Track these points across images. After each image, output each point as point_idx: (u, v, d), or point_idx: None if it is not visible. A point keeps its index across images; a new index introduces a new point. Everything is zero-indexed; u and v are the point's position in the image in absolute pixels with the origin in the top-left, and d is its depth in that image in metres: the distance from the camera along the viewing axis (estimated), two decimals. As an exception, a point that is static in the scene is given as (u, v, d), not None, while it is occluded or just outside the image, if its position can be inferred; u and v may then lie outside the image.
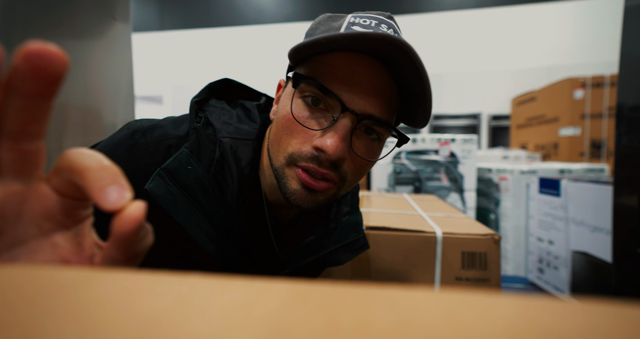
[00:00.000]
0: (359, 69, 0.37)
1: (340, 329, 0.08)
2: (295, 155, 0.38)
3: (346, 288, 0.11)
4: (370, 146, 0.40)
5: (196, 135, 0.40)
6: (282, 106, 0.41)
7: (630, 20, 0.63)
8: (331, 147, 0.36)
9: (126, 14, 1.08)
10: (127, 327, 0.08)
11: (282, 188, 0.39)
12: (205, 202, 0.39)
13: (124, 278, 0.11)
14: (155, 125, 0.42)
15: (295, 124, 0.38)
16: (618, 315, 0.09)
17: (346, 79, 0.37)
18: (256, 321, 0.09)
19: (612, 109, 2.00)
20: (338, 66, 0.37)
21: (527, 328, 0.08)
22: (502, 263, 1.38)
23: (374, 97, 0.37)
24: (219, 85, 0.49)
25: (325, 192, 0.40)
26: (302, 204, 0.39)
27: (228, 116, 0.45)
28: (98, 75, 0.99)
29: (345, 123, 0.37)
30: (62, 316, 0.09)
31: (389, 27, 0.40)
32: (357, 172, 0.41)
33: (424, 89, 0.36)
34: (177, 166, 0.38)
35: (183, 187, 0.38)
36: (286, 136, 0.39)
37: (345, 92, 0.37)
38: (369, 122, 0.38)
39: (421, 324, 0.09)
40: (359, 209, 0.55)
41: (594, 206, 0.88)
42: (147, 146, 0.40)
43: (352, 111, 0.36)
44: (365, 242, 0.52)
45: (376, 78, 0.37)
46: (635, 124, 0.62)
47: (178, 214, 0.38)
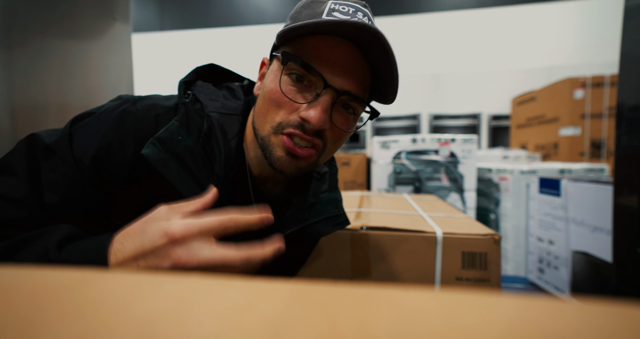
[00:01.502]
0: (339, 51, 0.42)
1: (340, 329, 0.08)
2: (283, 123, 0.43)
3: (346, 288, 0.11)
4: (347, 118, 0.46)
5: (185, 109, 0.44)
6: (269, 81, 0.45)
7: (630, 20, 0.63)
8: (314, 118, 0.41)
9: (126, 14, 1.08)
10: (127, 327, 0.08)
11: (268, 156, 0.44)
12: (195, 170, 0.43)
13: (124, 278, 0.11)
14: (145, 97, 0.47)
15: (282, 97, 0.43)
16: (618, 315, 0.09)
17: (328, 59, 0.42)
18: (256, 321, 0.09)
19: (612, 109, 2.00)
20: (321, 48, 0.42)
21: (527, 328, 0.08)
22: (502, 263, 1.38)
23: (351, 77, 0.43)
24: (205, 69, 0.53)
25: (307, 160, 0.45)
26: (285, 169, 0.44)
27: (214, 95, 0.49)
28: (98, 75, 0.99)
29: (327, 98, 0.42)
30: (62, 316, 0.09)
31: (364, 14, 0.44)
32: (336, 141, 0.46)
33: (393, 71, 0.42)
34: (168, 136, 0.42)
35: (174, 155, 0.42)
36: (274, 108, 0.43)
37: (327, 71, 0.42)
38: (347, 98, 0.44)
39: (421, 324, 0.09)
40: (338, 189, 0.60)
41: (594, 206, 0.87)
42: (136, 113, 0.43)
43: (332, 87, 0.42)
44: (345, 219, 0.57)
45: (353, 60, 0.43)
46: (635, 124, 0.62)
47: (172, 177, 0.41)
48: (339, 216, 0.56)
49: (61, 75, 0.87)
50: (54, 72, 0.85)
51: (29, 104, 0.77)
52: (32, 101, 0.78)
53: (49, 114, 0.83)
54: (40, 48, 0.80)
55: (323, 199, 0.55)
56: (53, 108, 0.84)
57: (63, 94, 0.87)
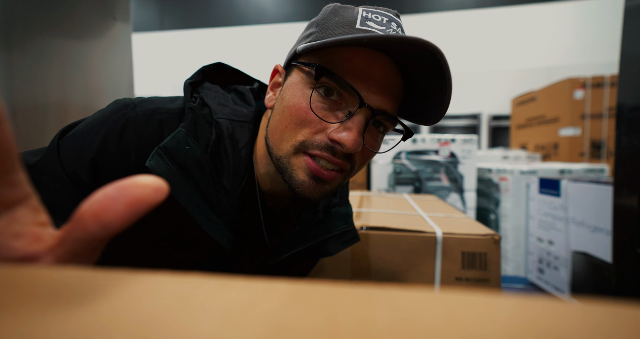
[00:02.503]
0: (376, 66, 0.38)
1: (340, 329, 0.08)
2: (307, 143, 0.38)
3: (346, 288, 0.11)
4: (377, 138, 0.42)
5: (192, 115, 0.40)
6: (291, 95, 0.40)
7: (630, 20, 0.63)
8: (349, 141, 0.37)
9: (126, 14, 1.08)
10: (127, 327, 0.08)
11: (287, 179, 0.39)
12: (202, 183, 0.39)
13: (124, 277, 0.11)
14: (146, 100, 0.42)
15: (310, 115, 0.38)
16: (618, 315, 0.09)
17: (364, 75, 0.38)
18: (256, 321, 0.09)
19: (612, 109, 2.00)
20: (356, 62, 0.38)
21: (527, 328, 0.08)
22: (502, 263, 1.38)
23: (388, 94, 0.39)
24: (212, 68, 0.48)
25: (332, 183, 0.40)
26: (309, 195, 0.39)
27: (223, 99, 0.45)
28: (98, 75, 0.99)
29: (361, 118, 0.38)
30: (62, 316, 0.09)
31: (397, 25, 0.41)
32: (364, 161, 0.43)
33: (446, 91, 0.37)
34: (175, 146, 0.37)
35: (181, 167, 0.38)
36: (295, 125, 0.39)
37: (363, 87, 0.37)
38: (382, 117, 0.40)
39: (421, 324, 0.09)
40: (349, 201, 0.56)
41: (594, 206, 0.87)
42: (138, 119, 0.39)
43: (369, 106, 0.38)
44: (355, 235, 0.53)
45: (390, 76, 0.39)
46: (635, 124, 0.62)
47: (178, 192, 0.37)
48: (348, 232, 0.52)
49: (61, 75, 0.87)
50: (54, 72, 0.85)
51: (29, 104, 0.77)
52: (32, 101, 0.78)
53: (49, 114, 0.83)
54: (40, 48, 0.80)
55: (333, 214, 0.51)
56: (53, 108, 0.84)
57: (63, 94, 0.87)
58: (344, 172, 0.41)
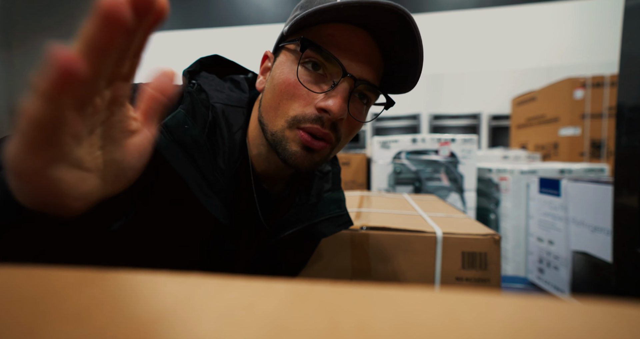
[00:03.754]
0: (356, 39, 0.41)
1: (340, 330, 0.08)
2: (299, 117, 0.41)
3: (346, 288, 0.11)
4: (361, 108, 0.45)
5: (190, 98, 0.43)
6: (280, 73, 0.43)
7: (630, 20, 0.63)
8: (335, 107, 0.39)
9: (126, 14, 1.08)
10: (127, 327, 0.08)
11: (281, 151, 0.42)
12: (200, 161, 0.42)
13: (124, 278, 0.11)
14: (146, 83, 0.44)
15: (298, 88, 0.41)
16: (618, 315, 0.09)
17: (345, 47, 0.41)
18: (256, 321, 0.09)
19: (612, 109, 2.00)
20: (338, 36, 0.41)
21: (527, 328, 0.08)
22: (502, 263, 1.38)
23: (368, 65, 0.42)
24: (209, 60, 0.51)
25: (321, 153, 0.43)
26: (301, 164, 0.42)
27: (219, 86, 0.48)
28: (98, 75, 0.99)
29: (345, 86, 0.41)
30: (62, 316, 0.09)
31: None
32: (350, 133, 0.45)
33: (418, 54, 0.41)
34: (175, 124, 0.40)
35: (180, 145, 0.40)
36: (286, 101, 0.42)
37: (345, 59, 0.41)
38: (364, 86, 0.43)
39: (421, 324, 0.09)
40: (341, 188, 0.59)
41: (594, 206, 0.87)
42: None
43: (351, 75, 0.40)
44: (348, 219, 0.56)
45: (370, 49, 0.42)
46: (635, 124, 0.62)
47: (178, 165, 0.40)
48: (342, 216, 0.55)
49: (61, 75, 0.87)
50: (54, 72, 0.84)
51: (29, 104, 0.77)
52: (32, 101, 0.78)
53: (49, 114, 0.83)
54: (40, 48, 0.79)
55: (326, 199, 0.54)
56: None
57: (63, 94, 0.87)
58: (331, 144, 0.43)
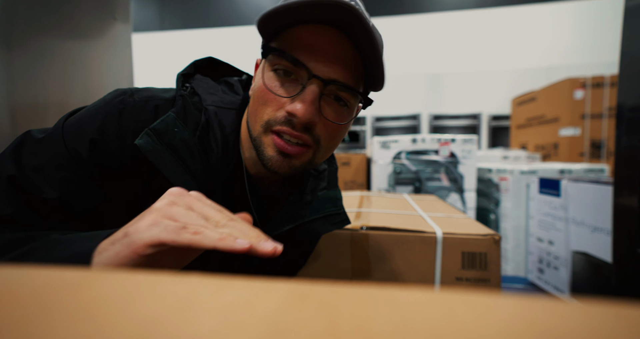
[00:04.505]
0: (323, 38, 0.40)
1: (340, 330, 0.08)
2: (270, 121, 0.41)
3: (346, 288, 0.11)
4: (339, 110, 0.43)
5: (182, 101, 0.44)
6: (257, 80, 0.44)
7: (630, 20, 0.63)
8: (300, 110, 0.39)
9: (126, 14, 1.08)
10: (127, 327, 0.08)
11: (260, 156, 0.43)
12: (191, 163, 0.42)
13: (124, 278, 0.11)
14: (142, 88, 0.46)
15: (268, 94, 0.41)
16: (618, 315, 0.09)
17: (311, 48, 0.40)
18: (256, 321, 0.09)
19: (612, 109, 2.00)
20: (304, 37, 0.40)
21: (527, 329, 0.08)
22: (502, 263, 1.38)
23: (338, 64, 0.40)
24: (204, 62, 0.52)
25: (300, 157, 0.43)
26: (278, 169, 0.42)
27: (213, 89, 0.48)
28: (98, 75, 0.99)
29: (313, 89, 0.40)
30: (62, 316, 0.09)
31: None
32: (331, 137, 0.44)
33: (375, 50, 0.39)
34: (164, 127, 0.41)
35: (169, 147, 0.41)
36: (261, 106, 0.42)
37: (311, 60, 0.39)
38: (335, 87, 0.41)
39: (421, 324, 0.09)
40: (338, 187, 0.58)
41: (594, 206, 0.87)
42: (135, 105, 0.43)
43: (317, 76, 0.39)
44: (345, 218, 0.56)
45: (339, 47, 0.40)
46: (635, 124, 0.62)
47: (166, 169, 0.40)
48: (338, 215, 0.55)
49: (61, 75, 0.87)
50: (54, 72, 0.85)
51: (29, 104, 0.77)
52: (32, 100, 0.78)
53: (49, 114, 0.83)
54: (40, 48, 0.80)
55: (320, 197, 0.54)
56: (53, 108, 0.84)
57: (63, 94, 0.87)
58: (310, 147, 0.43)
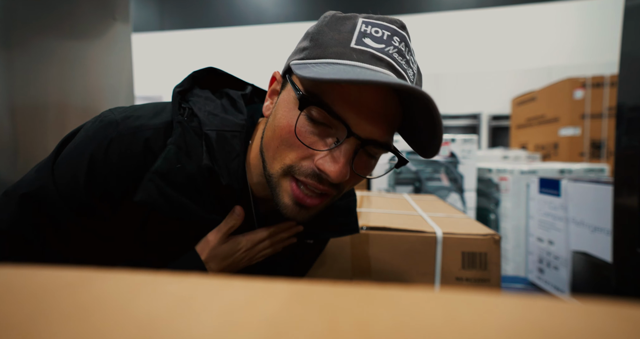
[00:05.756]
0: (369, 93, 0.36)
1: (340, 330, 0.08)
2: (294, 168, 0.38)
3: (346, 288, 0.11)
4: (368, 164, 0.41)
5: (181, 129, 0.40)
6: (282, 114, 0.39)
7: (630, 20, 0.63)
8: (335, 173, 0.36)
9: (126, 14, 1.08)
10: (127, 327, 0.08)
11: (275, 198, 0.40)
12: (197, 197, 0.41)
13: (123, 278, 0.11)
14: (130, 115, 0.41)
15: (296, 140, 0.37)
16: (618, 315, 0.09)
17: (354, 102, 0.36)
18: (256, 321, 0.09)
19: (612, 109, 2.00)
20: (347, 88, 0.36)
21: (527, 328, 0.08)
22: (502, 263, 1.38)
23: (380, 123, 0.37)
24: (203, 74, 0.47)
25: (317, 207, 0.40)
26: (294, 218, 0.40)
27: (213, 106, 0.44)
28: (98, 75, 0.99)
29: (349, 147, 0.37)
30: (62, 316, 0.09)
31: (401, 40, 0.38)
32: (353, 184, 0.42)
33: (436, 132, 0.36)
34: (167, 167, 0.38)
35: (176, 188, 0.39)
36: (285, 148, 0.38)
37: (353, 116, 0.36)
38: (372, 146, 0.38)
39: (421, 324, 0.09)
40: (354, 193, 0.56)
41: (594, 206, 0.87)
42: (121, 140, 0.39)
43: (357, 136, 0.36)
44: (355, 227, 0.54)
45: (384, 102, 0.37)
46: (635, 124, 0.62)
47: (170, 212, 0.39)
48: (347, 224, 0.53)
49: (61, 75, 0.87)
50: (54, 72, 0.85)
51: (29, 104, 0.77)
52: (32, 101, 0.78)
53: (49, 114, 0.83)
54: (40, 48, 0.80)
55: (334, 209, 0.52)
56: (53, 108, 0.84)
57: (63, 94, 0.87)
58: (329, 196, 0.40)
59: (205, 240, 0.44)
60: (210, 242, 0.43)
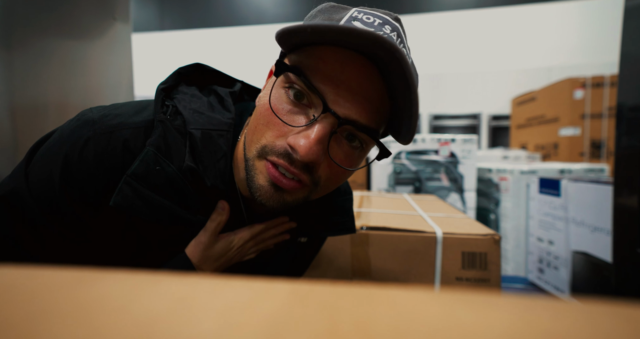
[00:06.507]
0: (350, 68, 0.33)
1: (340, 330, 0.08)
2: (267, 148, 0.35)
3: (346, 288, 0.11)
4: (350, 153, 0.37)
5: (162, 128, 0.37)
6: (264, 94, 0.38)
7: (630, 20, 0.63)
8: (303, 149, 0.33)
9: (126, 14, 1.08)
10: (127, 327, 0.08)
11: (250, 182, 0.37)
12: (178, 199, 0.38)
13: (123, 278, 0.11)
14: (109, 113, 0.39)
15: (272, 116, 0.35)
16: (618, 315, 0.09)
17: (334, 76, 0.33)
18: (256, 321, 0.09)
19: (612, 109, 2.00)
20: (327, 61, 0.33)
21: (527, 329, 0.08)
22: (502, 263, 1.38)
23: (362, 102, 0.34)
24: (189, 70, 0.45)
25: (293, 193, 0.37)
26: (266, 202, 0.37)
27: (199, 104, 0.41)
28: (98, 75, 0.99)
29: (324, 125, 0.34)
30: (62, 316, 0.09)
31: (393, 29, 0.35)
32: (333, 179, 0.38)
33: (411, 100, 0.33)
34: (144, 169, 0.36)
35: (154, 190, 0.36)
36: (262, 126, 0.36)
37: (331, 91, 0.33)
38: (351, 127, 0.35)
39: (421, 324, 0.09)
40: (350, 192, 0.53)
41: (594, 206, 0.87)
42: (98, 141, 0.36)
43: (333, 112, 0.33)
44: (351, 226, 0.51)
45: (368, 82, 0.34)
46: (635, 124, 0.62)
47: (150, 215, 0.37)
48: (343, 223, 0.51)
49: (61, 75, 0.87)
50: (54, 72, 0.85)
51: (29, 104, 0.77)
52: (32, 101, 0.78)
53: (49, 114, 0.83)
54: (40, 48, 0.80)
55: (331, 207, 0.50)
56: (53, 108, 0.84)
57: (63, 94, 0.87)
58: (306, 186, 0.37)
59: (195, 242, 0.42)
60: (201, 243, 0.42)
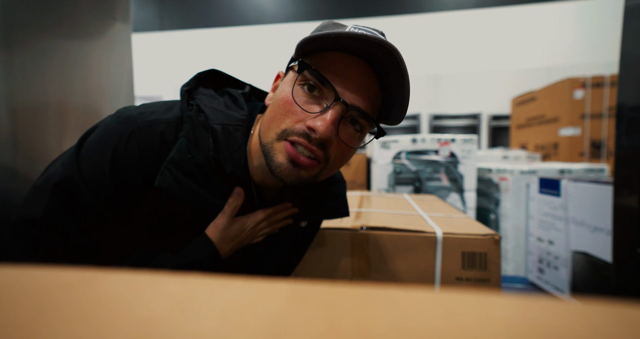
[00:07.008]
0: (354, 68, 0.44)
1: (340, 330, 0.08)
2: (288, 130, 0.44)
3: (346, 288, 0.11)
4: (353, 135, 0.47)
5: (191, 123, 0.46)
6: (281, 91, 0.47)
7: (630, 20, 0.63)
8: (322, 127, 0.42)
9: (126, 14, 1.08)
10: (127, 327, 0.08)
11: (269, 162, 0.45)
12: (205, 184, 0.46)
13: (123, 278, 0.11)
14: (145, 110, 0.47)
15: (293, 106, 0.44)
16: (618, 315, 0.09)
17: (342, 74, 0.43)
18: (256, 321, 0.09)
19: (612, 109, 2.00)
20: (337, 63, 0.44)
21: (527, 328, 0.08)
22: (502, 263, 1.38)
23: (362, 94, 0.44)
24: (207, 75, 0.54)
25: (309, 170, 0.45)
26: (285, 177, 0.44)
27: (217, 103, 0.50)
28: (98, 75, 0.99)
29: (336, 110, 0.43)
30: (63, 316, 0.09)
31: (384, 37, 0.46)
32: (340, 158, 0.47)
33: (404, 90, 0.43)
34: (179, 157, 0.44)
35: (187, 175, 0.44)
36: (281, 115, 0.44)
37: (340, 85, 0.43)
38: (355, 113, 0.45)
39: (421, 324, 0.09)
40: (342, 181, 0.62)
41: (594, 206, 0.87)
42: (139, 133, 0.45)
43: (343, 101, 0.43)
44: (345, 211, 0.59)
45: (366, 79, 0.45)
46: (635, 124, 0.62)
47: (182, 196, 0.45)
48: (338, 208, 0.59)
49: (61, 75, 0.87)
50: (54, 72, 0.85)
51: (29, 104, 0.77)
52: (32, 100, 0.78)
53: (49, 114, 0.83)
54: (40, 48, 0.80)
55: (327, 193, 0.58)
56: (53, 108, 0.84)
57: (63, 94, 0.87)
58: (320, 163, 0.45)
59: (214, 224, 0.50)
60: (219, 225, 0.50)
